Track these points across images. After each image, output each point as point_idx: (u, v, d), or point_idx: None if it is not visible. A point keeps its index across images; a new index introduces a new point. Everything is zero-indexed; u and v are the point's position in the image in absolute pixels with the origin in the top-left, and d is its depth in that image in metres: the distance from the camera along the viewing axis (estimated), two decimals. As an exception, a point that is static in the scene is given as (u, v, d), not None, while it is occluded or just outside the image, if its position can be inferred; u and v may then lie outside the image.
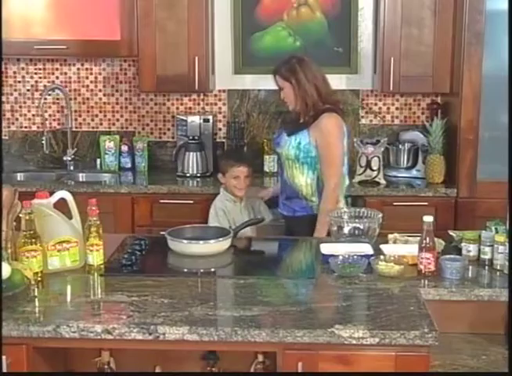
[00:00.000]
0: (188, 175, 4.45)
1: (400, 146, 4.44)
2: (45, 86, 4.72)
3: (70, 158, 4.69)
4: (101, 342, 2.24)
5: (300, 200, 3.48)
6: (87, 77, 4.74)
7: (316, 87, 3.41)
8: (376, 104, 4.65)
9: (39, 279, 2.48)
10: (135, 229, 4.18)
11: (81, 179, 4.64)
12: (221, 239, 2.88)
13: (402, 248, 2.78)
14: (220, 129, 4.71)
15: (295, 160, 3.44)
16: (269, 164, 4.53)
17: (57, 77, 4.74)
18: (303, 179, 3.45)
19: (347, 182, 3.58)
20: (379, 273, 2.59)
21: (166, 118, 4.76)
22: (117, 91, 4.75)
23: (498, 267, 2.66)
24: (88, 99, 4.76)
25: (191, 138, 4.48)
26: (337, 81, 4.50)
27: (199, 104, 4.72)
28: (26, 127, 4.81)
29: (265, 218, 3.57)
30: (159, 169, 4.69)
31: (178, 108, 4.73)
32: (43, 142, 4.58)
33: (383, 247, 2.80)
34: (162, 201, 4.19)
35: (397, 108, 4.65)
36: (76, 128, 4.77)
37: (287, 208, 3.54)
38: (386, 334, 2.11)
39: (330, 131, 3.40)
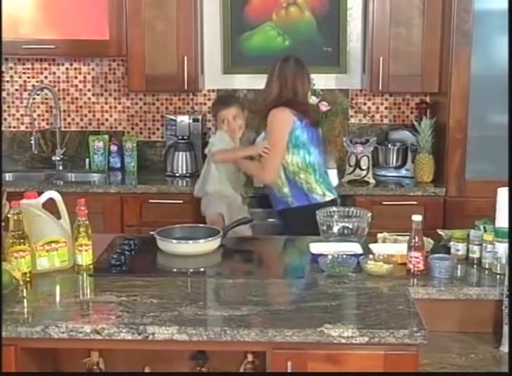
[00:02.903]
0: (177, 174, 4.45)
1: (389, 146, 4.45)
2: (33, 86, 4.70)
3: (58, 158, 4.68)
4: (90, 343, 2.23)
5: (275, 194, 3.64)
6: (76, 77, 4.73)
7: (281, 87, 3.57)
8: (365, 104, 4.66)
9: (28, 279, 2.48)
10: (124, 229, 4.18)
11: (69, 179, 4.62)
12: (210, 239, 2.88)
13: (391, 247, 2.79)
14: (209, 129, 4.70)
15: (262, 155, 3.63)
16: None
17: (46, 77, 4.73)
18: None
19: (317, 176, 3.62)
20: (368, 272, 2.59)
21: (155, 118, 4.75)
22: (106, 90, 4.74)
23: (486, 266, 2.67)
24: (76, 98, 4.75)
25: (180, 138, 4.48)
26: (326, 81, 4.52)
27: (188, 104, 4.72)
28: (14, 127, 4.79)
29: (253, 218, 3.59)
30: (148, 169, 4.68)
31: (167, 108, 4.73)
32: (32, 142, 4.57)
33: (372, 246, 2.81)
34: (151, 201, 4.18)
35: (386, 107, 4.66)
36: (65, 127, 4.75)
37: (273, 204, 3.73)
38: (375, 333, 2.12)
39: (270, 122, 3.57)
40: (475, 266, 2.70)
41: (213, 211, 3.83)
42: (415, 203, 4.08)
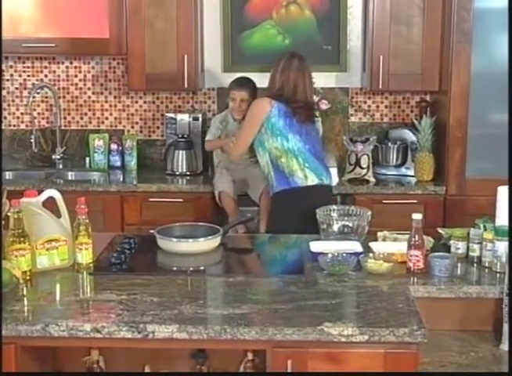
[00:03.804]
0: (177, 173, 4.45)
1: (389, 144, 4.45)
2: (33, 84, 4.70)
3: (58, 157, 4.68)
4: (90, 341, 2.23)
5: (268, 180, 3.75)
6: (76, 76, 4.73)
7: (282, 84, 3.66)
8: (365, 102, 4.66)
9: (28, 278, 2.48)
10: (125, 227, 4.18)
11: (69, 178, 4.63)
12: (210, 237, 2.88)
13: (391, 246, 2.79)
14: (209, 127, 4.70)
15: (254, 144, 3.76)
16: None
17: (46, 76, 4.73)
18: (261, 160, 3.73)
19: (297, 163, 3.65)
20: (368, 271, 2.59)
21: (155, 117, 4.75)
22: (106, 89, 4.74)
23: (486, 264, 2.67)
24: (76, 97, 4.75)
25: (180, 136, 4.48)
26: (326, 79, 4.52)
27: (188, 102, 4.72)
28: (14, 125, 4.79)
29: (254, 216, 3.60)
30: (148, 168, 4.68)
31: (167, 106, 4.73)
32: (32, 140, 4.57)
33: (372, 244, 2.81)
34: (151, 200, 4.19)
35: (386, 106, 4.66)
36: (65, 126, 4.75)
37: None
38: (375, 331, 2.12)
39: (250, 107, 3.79)
40: (475, 265, 2.70)
41: (216, 190, 4.09)
42: (415, 201, 4.08)
